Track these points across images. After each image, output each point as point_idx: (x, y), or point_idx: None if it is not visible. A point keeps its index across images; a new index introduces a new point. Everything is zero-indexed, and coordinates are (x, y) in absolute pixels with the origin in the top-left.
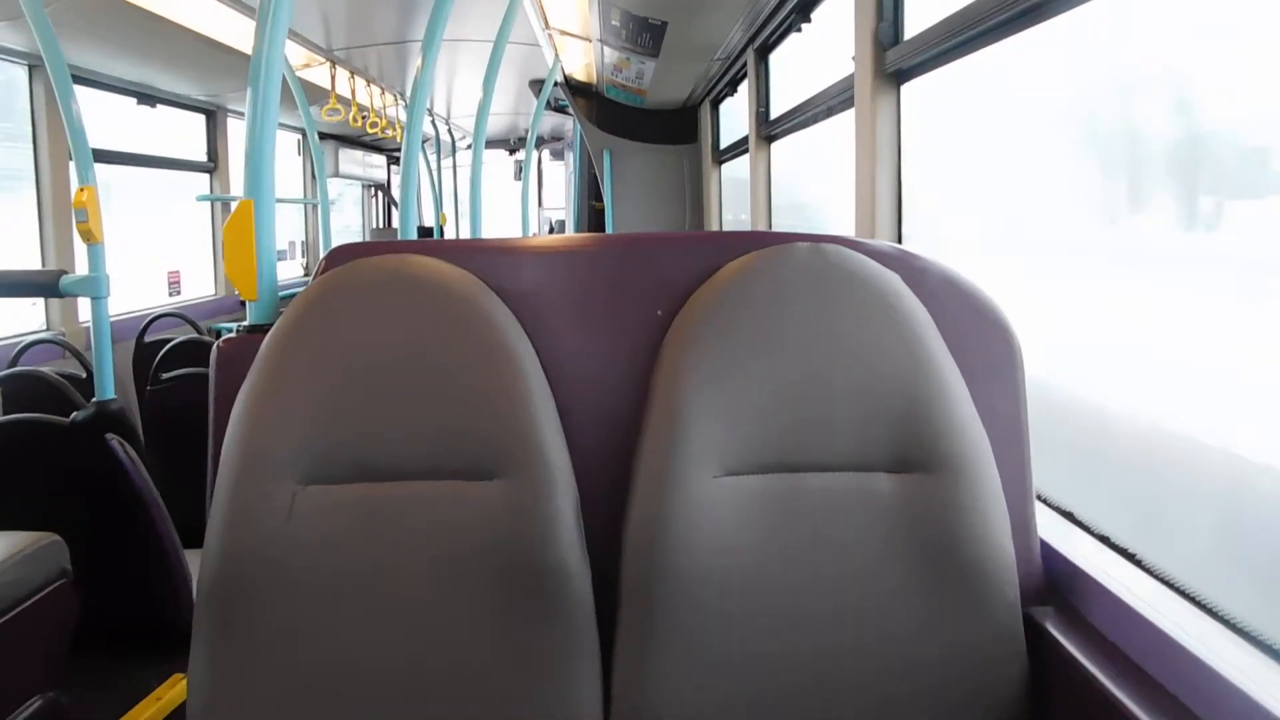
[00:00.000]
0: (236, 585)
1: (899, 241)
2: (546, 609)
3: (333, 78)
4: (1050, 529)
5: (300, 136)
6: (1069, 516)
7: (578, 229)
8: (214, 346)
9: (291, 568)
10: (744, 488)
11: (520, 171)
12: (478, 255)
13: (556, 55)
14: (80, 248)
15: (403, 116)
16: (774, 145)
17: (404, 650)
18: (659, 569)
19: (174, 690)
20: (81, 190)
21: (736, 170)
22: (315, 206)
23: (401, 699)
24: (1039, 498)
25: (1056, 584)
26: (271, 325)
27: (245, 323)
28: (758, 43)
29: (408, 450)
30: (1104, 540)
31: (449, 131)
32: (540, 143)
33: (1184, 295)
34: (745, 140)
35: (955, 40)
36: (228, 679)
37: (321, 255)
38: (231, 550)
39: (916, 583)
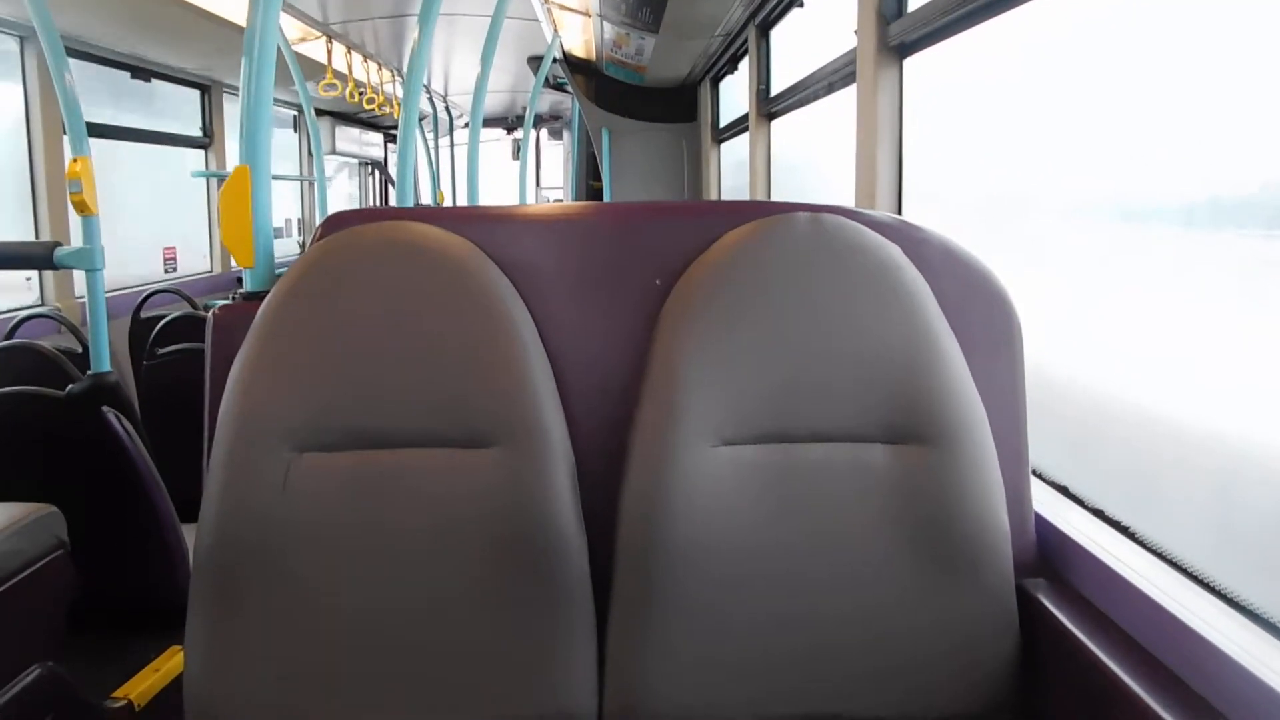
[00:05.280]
0: (232, 553)
1: (898, 214)
2: (542, 578)
3: (329, 52)
4: (1045, 502)
5: (296, 113)
6: (1063, 491)
7: None
8: (210, 314)
9: (286, 537)
10: (741, 458)
11: (518, 151)
12: (475, 223)
13: (555, 30)
14: (75, 221)
15: (400, 93)
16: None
17: (399, 618)
18: (655, 538)
19: (171, 662)
20: (75, 161)
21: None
22: (312, 184)
23: (397, 667)
24: (1034, 472)
25: (1050, 556)
26: (267, 293)
27: (242, 289)
28: (759, 18)
29: (404, 418)
30: (1098, 514)
31: (446, 109)
32: (539, 121)
33: None
34: (745, 119)
35: (961, 11)
36: (224, 649)
37: None
38: (227, 518)
39: (911, 553)
